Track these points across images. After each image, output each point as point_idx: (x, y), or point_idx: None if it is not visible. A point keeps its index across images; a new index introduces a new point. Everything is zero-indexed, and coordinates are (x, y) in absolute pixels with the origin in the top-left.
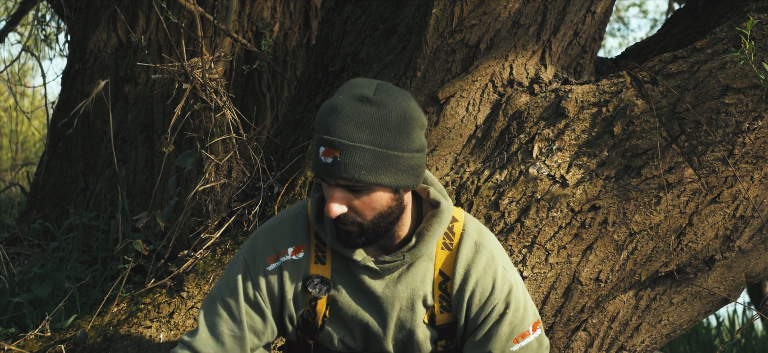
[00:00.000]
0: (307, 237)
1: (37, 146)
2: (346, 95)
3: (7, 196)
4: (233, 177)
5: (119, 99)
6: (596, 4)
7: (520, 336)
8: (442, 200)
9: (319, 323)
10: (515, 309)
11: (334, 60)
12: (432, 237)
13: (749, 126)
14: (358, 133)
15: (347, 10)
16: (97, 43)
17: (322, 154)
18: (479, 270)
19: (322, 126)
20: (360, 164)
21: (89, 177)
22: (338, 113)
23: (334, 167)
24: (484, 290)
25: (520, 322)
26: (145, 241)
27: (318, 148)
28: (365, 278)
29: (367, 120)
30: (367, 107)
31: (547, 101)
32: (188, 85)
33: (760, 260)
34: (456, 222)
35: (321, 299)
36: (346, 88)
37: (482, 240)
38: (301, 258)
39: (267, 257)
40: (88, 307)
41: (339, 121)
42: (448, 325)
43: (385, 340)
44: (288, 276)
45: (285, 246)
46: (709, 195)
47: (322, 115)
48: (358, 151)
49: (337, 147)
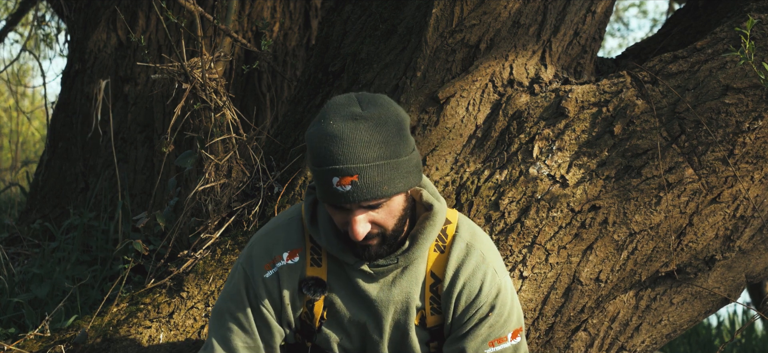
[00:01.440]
0: (301, 241)
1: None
2: (337, 119)
3: (7, 196)
4: (233, 177)
5: (119, 99)
6: (596, 4)
7: (496, 341)
8: (434, 202)
9: (316, 325)
10: (499, 314)
11: (334, 60)
12: (425, 240)
13: (749, 126)
14: (368, 153)
15: (347, 10)
16: (97, 43)
17: (337, 184)
18: (468, 271)
19: (327, 157)
20: (379, 181)
21: (89, 177)
22: (340, 140)
23: (355, 193)
24: (472, 291)
25: (501, 327)
26: (145, 241)
27: (329, 179)
28: (360, 281)
29: (371, 137)
30: (364, 124)
31: (547, 101)
32: (188, 85)
33: (761, 260)
34: (449, 224)
35: (318, 301)
36: (331, 112)
37: (474, 241)
38: (297, 263)
39: (263, 264)
40: (88, 307)
41: (345, 147)
42: (439, 327)
43: (381, 343)
44: (285, 280)
45: (279, 251)
46: (709, 195)
47: (319, 146)
48: (375, 169)
49: (353, 173)
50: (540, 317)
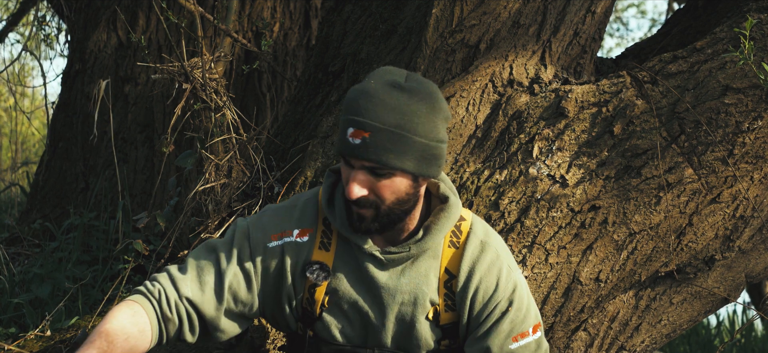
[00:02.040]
0: (314, 222)
1: (37, 146)
2: (378, 80)
3: (7, 196)
4: (233, 177)
5: (119, 99)
6: (596, 4)
7: (519, 335)
8: (451, 195)
9: (317, 312)
10: (518, 308)
11: (334, 60)
12: (439, 231)
13: (749, 126)
14: (387, 117)
15: (347, 10)
16: (97, 43)
17: (350, 135)
18: (483, 268)
19: (352, 107)
20: (388, 147)
21: (89, 177)
22: (370, 96)
23: (362, 148)
24: (488, 288)
25: (522, 322)
26: (145, 241)
27: (346, 129)
28: (369, 267)
29: (398, 105)
30: (398, 93)
31: (547, 101)
32: (188, 85)
33: (760, 260)
34: (464, 221)
35: (320, 286)
36: (378, 74)
37: (488, 239)
38: (305, 242)
39: (271, 234)
40: (89, 307)
41: (370, 104)
42: (452, 325)
43: (384, 332)
44: (289, 257)
45: (291, 227)
46: (709, 195)
47: (352, 97)
48: (387, 134)
49: (367, 129)
50: (541, 319)
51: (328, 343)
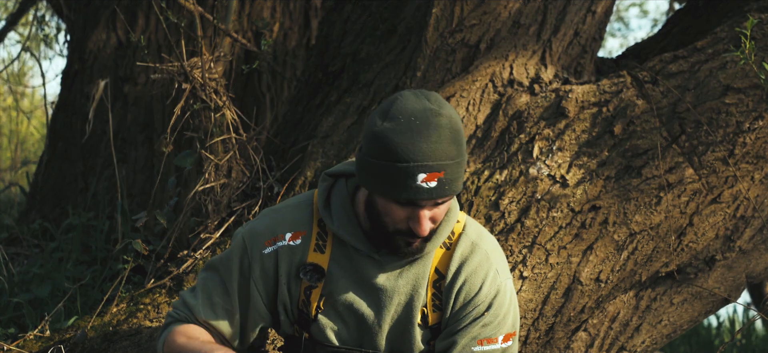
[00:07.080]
0: (308, 225)
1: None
2: (415, 114)
3: (6, 196)
4: (233, 177)
5: (119, 99)
6: (596, 4)
7: (486, 340)
8: (452, 200)
9: (312, 314)
10: (494, 315)
11: (334, 60)
12: (440, 236)
13: (750, 126)
14: (451, 149)
15: (347, 10)
16: (97, 43)
17: (422, 181)
18: (471, 268)
19: (413, 153)
20: (458, 175)
21: (89, 177)
22: (426, 136)
23: (439, 189)
24: (471, 288)
25: (494, 328)
26: (144, 241)
27: (414, 175)
28: (367, 268)
29: (450, 133)
30: (442, 120)
31: (547, 101)
32: (188, 85)
33: (761, 260)
34: (457, 223)
35: (315, 289)
36: (405, 109)
37: (480, 241)
38: (298, 245)
39: (264, 240)
40: (88, 307)
41: (435, 144)
42: (439, 325)
43: (380, 334)
44: (283, 261)
45: (283, 231)
46: (709, 196)
47: (403, 142)
48: (455, 166)
49: (442, 169)
50: (540, 317)
51: (324, 346)
